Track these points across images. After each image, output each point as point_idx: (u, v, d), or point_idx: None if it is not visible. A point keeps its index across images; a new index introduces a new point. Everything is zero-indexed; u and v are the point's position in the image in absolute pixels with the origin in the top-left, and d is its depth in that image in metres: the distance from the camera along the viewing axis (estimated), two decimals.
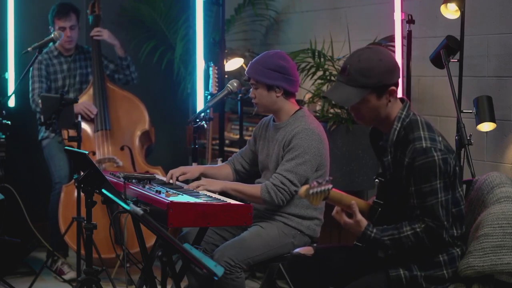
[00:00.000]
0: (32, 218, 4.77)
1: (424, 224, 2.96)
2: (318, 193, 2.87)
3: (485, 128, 4.16)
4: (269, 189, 3.63)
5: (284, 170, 3.64)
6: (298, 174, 3.63)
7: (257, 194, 3.65)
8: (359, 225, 2.99)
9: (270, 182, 3.64)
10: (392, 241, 2.98)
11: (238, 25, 6.24)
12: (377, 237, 2.98)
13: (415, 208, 2.98)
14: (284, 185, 3.62)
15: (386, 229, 3.00)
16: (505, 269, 3.01)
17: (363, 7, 5.26)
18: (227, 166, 4.00)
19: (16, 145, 5.51)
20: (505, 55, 4.33)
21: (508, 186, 3.15)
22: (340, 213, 3.02)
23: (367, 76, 2.98)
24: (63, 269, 5.15)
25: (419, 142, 2.97)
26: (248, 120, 5.35)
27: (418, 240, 2.97)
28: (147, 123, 5.43)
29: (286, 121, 3.78)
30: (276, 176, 3.64)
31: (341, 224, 3.04)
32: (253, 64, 3.77)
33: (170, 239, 2.78)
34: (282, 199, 3.65)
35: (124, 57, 5.50)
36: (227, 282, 3.52)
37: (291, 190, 3.64)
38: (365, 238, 2.99)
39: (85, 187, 3.42)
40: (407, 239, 2.97)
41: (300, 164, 3.64)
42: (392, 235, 2.98)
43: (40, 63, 5.31)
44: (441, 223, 2.95)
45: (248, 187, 3.71)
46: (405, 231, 2.97)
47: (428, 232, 2.96)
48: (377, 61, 3.00)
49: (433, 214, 2.95)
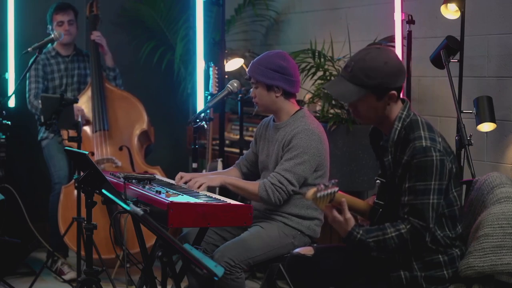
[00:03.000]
0: (32, 218, 4.76)
1: (410, 225, 2.94)
2: (325, 196, 2.88)
3: (485, 129, 4.16)
4: (267, 187, 3.63)
5: (282, 169, 3.64)
6: (296, 174, 3.64)
7: (254, 191, 3.66)
8: (347, 223, 2.96)
9: (268, 181, 3.64)
10: (376, 243, 2.96)
11: (238, 26, 6.24)
12: (363, 238, 2.96)
13: (404, 206, 2.96)
14: (282, 184, 3.63)
15: (371, 231, 2.98)
16: (505, 269, 3.01)
17: (363, 7, 5.26)
18: (235, 169, 4.02)
19: (16, 145, 5.51)
20: (505, 55, 4.33)
21: (508, 187, 3.15)
22: (330, 208, 2.98)
23: (369, 77, 2.97)
24: (63, 270, 5.15)
25: (419, 141, 2.96)
26: (248, 121, 5.35)
27: (402, 242, 2.95)
28: (145, 122, 5.43)
29: (286, 121, 3.78)
30: (275, 175, 3.65)
31: (328, 220, 3.02)
32: (254, 63, 3.78)
33: (170, 239, 2.78)
34: (279, 198, 3.65)
35: (112, 68, 5.50)
36: (227, 282, 3.52)
37: (289, 190, 3.65)
38: (350, 238, 2.97)
39: (85, 187, 3.42)
40: (391, 240, 2.95)
41: (299, 164, 3.64)
42: (376, 237, 2.96)
43: (37, 63, 5.31)
44: (427, 225, 2.93)
45: (247, 184, 3.72)
46: (389, 232, 2.95)
47: (412, 234, 2.94)
48: (382, 63, 2.98)
49: (421, 215, 2.93)
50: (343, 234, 2.99)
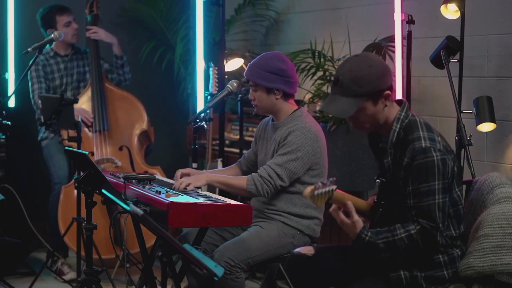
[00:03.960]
0: (32, 218, 4.76)
1: (419, 226, 2.95)
2: (323, 193, 2.87)
3: (485, 129, 4.16)
4: (255, 180, 3.63)
5: (274, 163, 3.64)
6: (287, 169, 3.64)
7: (242, 186, 3.66)
8: (355, 226, 2.97)
9: (257, 174, 3.65)
10: (386, 244, 2.97)
11: (238, 26, 6.24)
12: (372, 240, 2.97)
13: (411, 208, 2.97)
14: (271, 177, 3.63)
15: (380, 232, 2.99)
16: (505, 269, 3.01)
17: (363, 7, 5.26)
18: (236, 167, 4.03)
19: (16, 145, 5.51)
20: (505, 56, 4.33)
21: (508, 187, 3.15)
22: (337, 211, 2.99)
23: (360, 85, 2.98)
24: (63, 270, 5.15)
25: (418, 142, 2.97)
26: (248, 121, 5.34)
27: (412, 243, 2.96)
28: (145, 122, 5.43)
29: (284, 120, 3.78)
30: (265, 168, 3.65)
31: (337, 222, 3.02)
32: (252, 66, 3.77)
33: (170, 239, 2.78)
34: (267, 191, 3.65)
35: (120, 56, 5.50)
36: (227, 282, 3.52)
37: (277, 184, 3.65)
38: (359, 240, 2.98)
39: (85, 187, 3.42)
40: (401, 241, 2.96)
41: (292, 160, 3.64)
42: (386, 238, 2.97)
43: (37, 65, 5.30)
44: (436, 225, 2.94)
45: (233, 180, 3.71)
46: (399, 233, 2.96)
47: (423, 234, 2.95)
48: (368, 68, 2.99)
49: (429, 215, 2.94)
50: (352, 236, 2.99)
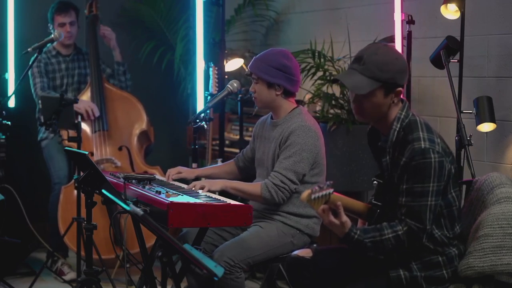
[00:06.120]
0: (32, 218, 4.76)
1: (406, 227, 2.95)
2: (320, 197, 2.87)
3: (485, 129, 4.16)
4: (270, 188, 3.64)
5: (283, 168, 3.65)
6: (296, 172, 3.65)
7: (257, 193, 3.67)
8: (343, 226, 2.96)
9: (270, 181, 3.65)
10: (373, 244, 2.97)
11: (238, 26, 6.24)
12: (360, 238, 2.96)
13: (401, 206, 2.97)
14: (285, 184, 3.64)
15: (368, 231, 2.98)
16: (505, 269, 3.01)
17: (363, 7, 5.26)
18: (232, 163, 4.07)
19: (16, 145, 5.51)
20: (505, 56, 4.33)
21: (508, 187, 3.15)
22: (327, 212, 2.95)
23: (382, 70, 2.99)
24: (63, 270, 5.15)
25: (417, 142, 2.96)
26: (248, 121, 5.34)
27: (398, 243, 2.96)
28: (145, 122, 5.43)
29: (283, 118, 3.79)
30: (276, 175, 3.65)
31: (324, 222, 2.99)
32: (257, 59, 3.79)
33: (170, 239, 2.78)
34: (283, 198, 3.67)
35: (122, 63, 5.52)
36: (227, 282, 3.52)
37: (291, 188, 3.67)
38: (348, 238, 2.97)
39: (85, 187, 3.42)
40: (388, 241, 2.96)
41: (298, 162, 3.65)
42: (373, 237, 2.97)
43: (39, 62, 5.30)
44: (424, 226, 2.94)
45: (248, 186, 3.72)
46: (387, 233, 2.96)
47: (409, 235, 2.95)
48: (394, 59, 3.02)
49: (418, 216, 2.94)
50: (340, 235, 2.99)
